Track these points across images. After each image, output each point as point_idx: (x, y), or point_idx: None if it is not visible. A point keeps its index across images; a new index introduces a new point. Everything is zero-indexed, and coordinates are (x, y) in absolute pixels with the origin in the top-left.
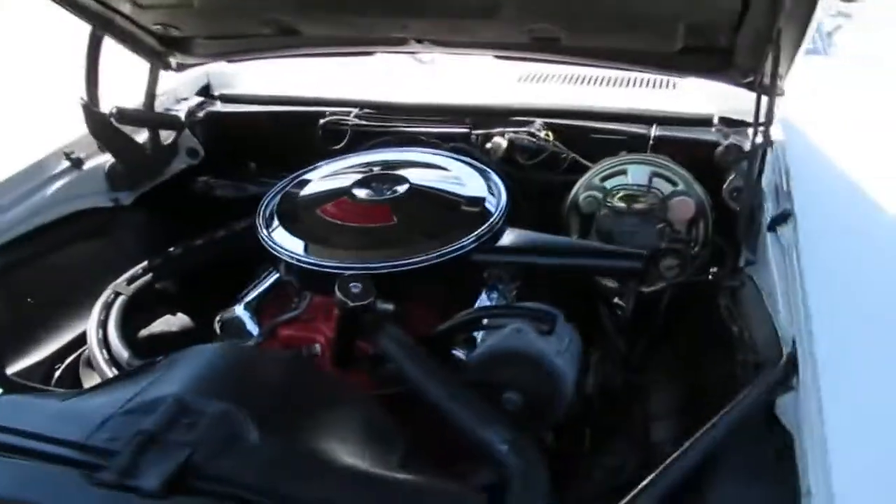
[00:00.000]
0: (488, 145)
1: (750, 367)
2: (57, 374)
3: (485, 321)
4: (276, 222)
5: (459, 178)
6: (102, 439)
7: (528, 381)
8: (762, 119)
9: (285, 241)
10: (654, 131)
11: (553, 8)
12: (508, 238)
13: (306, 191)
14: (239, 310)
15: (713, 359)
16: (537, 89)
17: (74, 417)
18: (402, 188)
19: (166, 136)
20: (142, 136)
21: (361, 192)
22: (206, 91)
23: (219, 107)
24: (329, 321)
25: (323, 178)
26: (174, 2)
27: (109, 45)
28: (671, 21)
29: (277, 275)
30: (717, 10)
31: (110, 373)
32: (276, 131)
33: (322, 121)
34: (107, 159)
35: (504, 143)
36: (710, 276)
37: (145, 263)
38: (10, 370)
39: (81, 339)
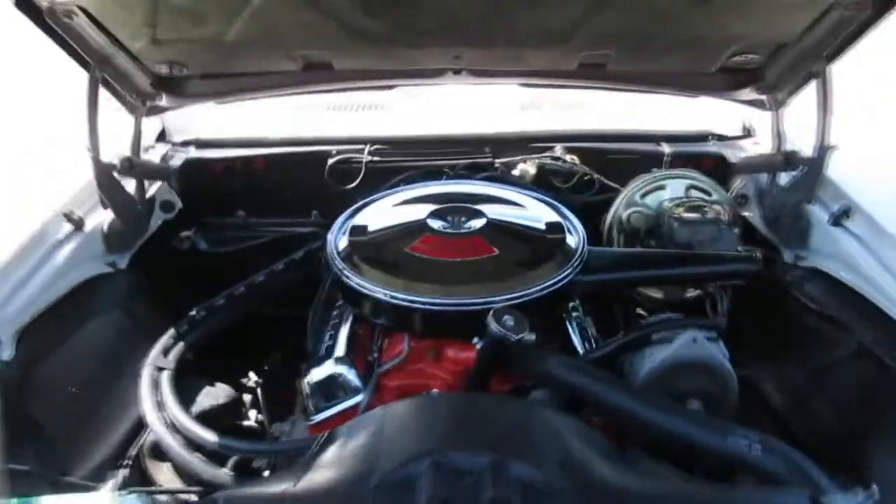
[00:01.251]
0: (515, 172)
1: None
2: (123, 472)
3: (654, 336)
4: (355, 264)
5: (522, 205)
6: None
7: (709, 386)
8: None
9: (376, 282)
10: (667, 148)
11: (622, 33)
12: (598, 258)
13: (371, 228)
14: (334, 365)
15: (810, 344)
16: (534, 116)
17: None
18: (478, 221)
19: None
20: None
21: (437, 226)
22: (162, 137)
23: (196, 153)
24: (439, 363)
25: (379, 214)
26: (204, 36)
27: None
28: (725, 42)
29: (349, 322)
30: (776, 34)
31: (191, 458)
32: (270, 174)
33: (332, 160)
34: (103, 217)
35: (532, 168)
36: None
37: (172, 332)
38: (76, 474)
39: (135, 428)
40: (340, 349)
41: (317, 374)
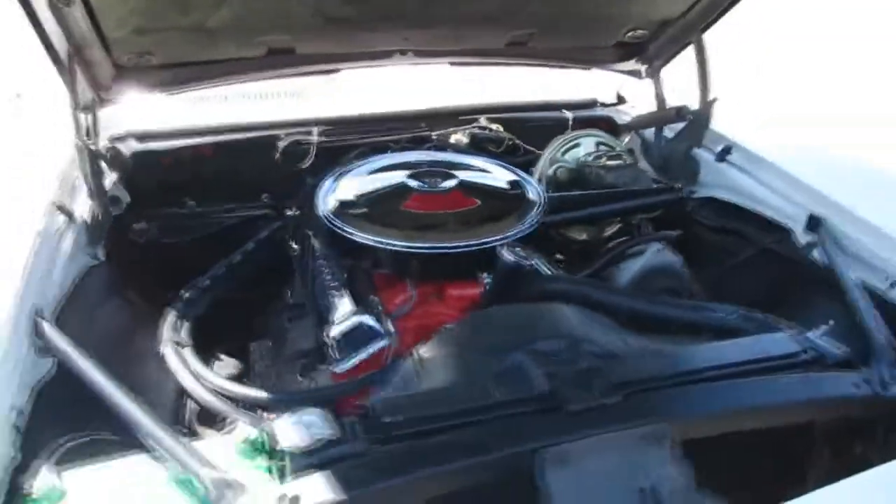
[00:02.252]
0: (452, 140)
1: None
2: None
3: (627, 251)
4: (357, 224)
5: (478, 168)
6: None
7: (672, 284)
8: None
9: (386, 236)
10: (569, 114)
11: (547, 13)
12: (557, 202)
13: (356, 193)
14: (358, 316)
15: (716, 256)
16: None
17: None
18: (451, 182)
19: None
20: None
21: (418, 186)
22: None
23: (139, 145)
24: (444, 302)
25: (354, 182)
26: (185, 24)
27: None
28: (626, 20)
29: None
30: (664, 11)
31: (247, 419)
32: (218, 162)
33: (282, 142)
34: (83, 207)
35: (465, 138)
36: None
37: (174, 312)
38: None
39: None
40: (348, 302)
41: (340, 326)
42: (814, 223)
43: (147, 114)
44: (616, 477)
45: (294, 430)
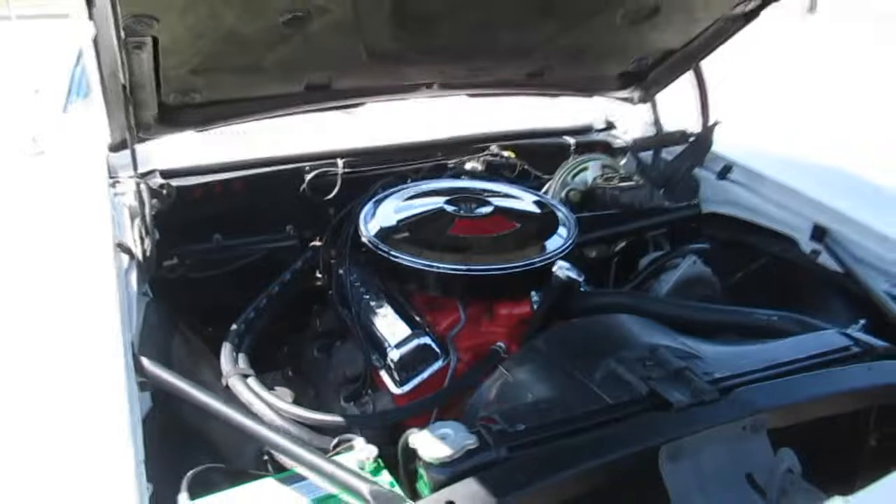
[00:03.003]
0: (467, 167)
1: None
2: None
3: (666, 264)
4: (403, 245)
5: (509, 194)
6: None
7: (706, 292)
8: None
9: (432, 259)
10: (570, 140)
11: (568, 46)
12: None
13: (396, 221)
14: (417, 338)
15: (726, 267)
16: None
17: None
18: (486, 208)
19: None
20: None
21: (460, 212)
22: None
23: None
24: (494, 321)
25: (397, 207)
26: (241, 63)
27: None
28: (634, 50)
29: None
30: (665, 44)
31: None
32: (247, 197)
33: (309, 175)
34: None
35: (480, 165)
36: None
37: (230, 344)
38: None
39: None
40: (404, 325)
41: (399, 349)
42: (819, 232)
43: (168, 150)
44: (725, 466)
45: (435, 442)
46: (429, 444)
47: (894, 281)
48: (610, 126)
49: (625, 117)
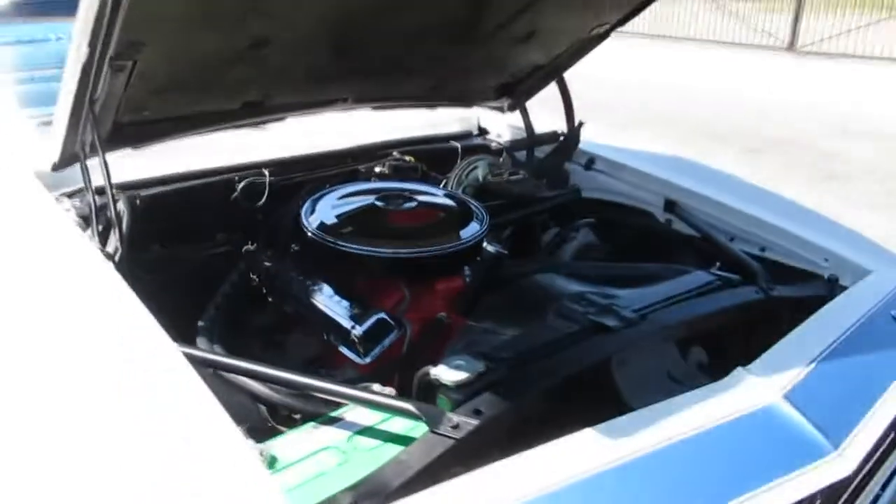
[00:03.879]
0: (377, 170)
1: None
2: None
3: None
4: (347, 238)
5: (426, 192)
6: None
7: (599, 256)
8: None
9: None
10: (457, 145)
11: (460, 62)
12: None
13: (336, 215)
14: (374, 314)
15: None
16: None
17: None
18: (412, 203)
19: None
20: None
21: (391, 206)
22: None
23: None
24: (436, 298)
25: (332, 206)
26: (194, 83)
27: None
28: (512, 66)
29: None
30: (536, 60)
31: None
32: (182, 207)
33: (241, 183)
34: None
35: (387, 170)
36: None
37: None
38: None
39: None
40: (357, 307)
41: (362, 325)
42: (669, 205)
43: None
44: (654, 367)
45: (452, 371)
46: (448, 372)
47: (730, 236)
48: (483, 132)
49: (495, 123)
